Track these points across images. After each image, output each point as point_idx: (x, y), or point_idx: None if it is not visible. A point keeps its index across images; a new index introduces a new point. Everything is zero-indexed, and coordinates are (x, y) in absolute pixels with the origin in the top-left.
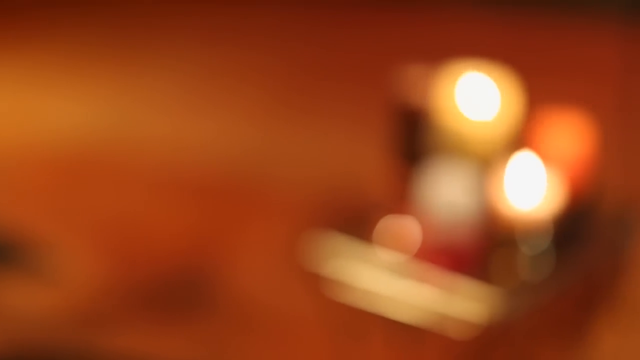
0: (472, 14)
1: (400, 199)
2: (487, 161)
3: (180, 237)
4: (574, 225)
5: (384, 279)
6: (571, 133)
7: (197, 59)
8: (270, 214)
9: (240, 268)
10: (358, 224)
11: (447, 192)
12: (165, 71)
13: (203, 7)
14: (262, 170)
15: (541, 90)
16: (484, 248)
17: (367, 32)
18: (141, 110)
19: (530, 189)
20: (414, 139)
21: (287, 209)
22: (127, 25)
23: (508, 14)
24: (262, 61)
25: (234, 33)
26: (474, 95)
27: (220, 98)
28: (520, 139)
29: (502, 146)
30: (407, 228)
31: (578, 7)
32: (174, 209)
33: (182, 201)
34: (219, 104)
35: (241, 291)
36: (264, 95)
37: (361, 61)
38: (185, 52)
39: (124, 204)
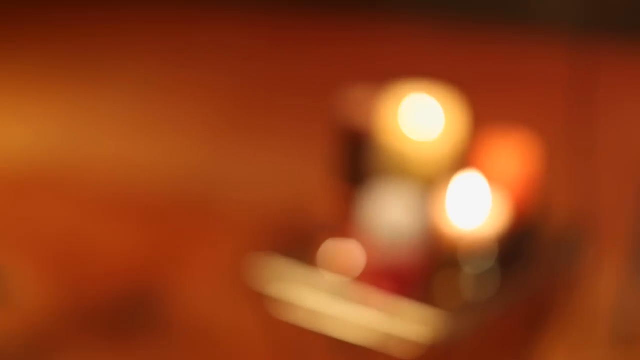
0: (419, 33)
1: (344, 220)
2: (430, 182)
3: (128, 257)
4: (518, 245)
5: (328, 301)
6: (516, 152)
7: (143, 79)
8: (217, 234)
9: (186, 288)
10: (302, 245)
11: (390, 213)
12: (113, 91)
13: (149, 27)
14: (209, 190)
15: (487, 109)
16: (427, 269)
17: (314, 53)
18: (89, 130)
19: (474, 209)
20: (358, 160)
21: (233, 229)
22: (74, 46)
23: (455, 33)
24: (209, 80)
25: (180, 53)
26: (418, 116)
27: (167, 117)
28: (464, 159)
29: (446, 166)
30: (350, 250)
31: (525, 27)
32: (122, 230)
33: (130, 222)
34: (166, 123)
35: (188, 311)
36: (211, 114)
37: (308, 81)
38: (132, 72)
39: (72, 224)
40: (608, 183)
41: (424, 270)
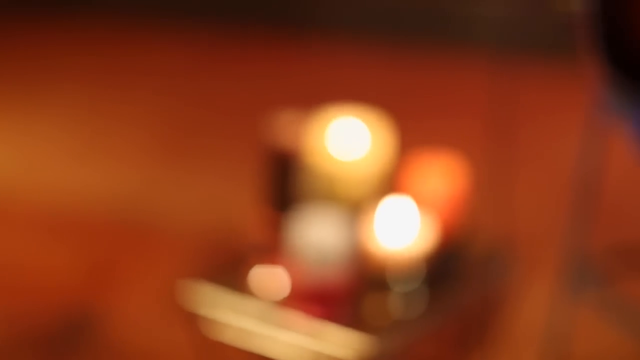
0: (348, 52)
1: (273, 244)
2: (358, 204)
3: (64, 281)
4: (446, 265)
5: (257, 325)
6: (443, 173)
7: (79, 102)
8: (152, 257)
9: (122, 311)
10: (232, 270)
11: (318, 236)
12: (49, 115)
13: (85, 50)
14: (144, 213)
15: (413, 131)
16: (355, 290)
17: (246, 77)
18: (26, 154)
19: (401, 230)
20: (286, 183)
21: (168, 252)
22: (9, 69)
23: (383, 54)
24: (144, 103)
25: (115, 75)
26: (346, 138)
27: (102, 140)
28: (391, 181)
29: (374, 188)
30: (278, 274)
31: (450, 49)
32: (58, 253)
33: (66, 245)
34: (101, 145)
35: (124, 334)
36: (146, 137)
37: (241, 102)
38: (67, 95)
39: (7, 247)
40: (532, 201)
41: (352, 292)
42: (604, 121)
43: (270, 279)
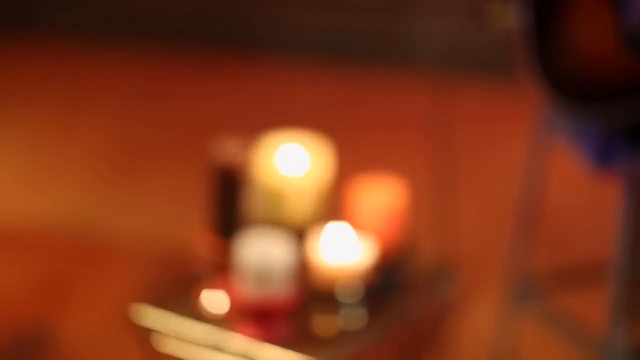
0: (292, 76)
1: (220, 266)
2: (301, 224)
3: (14, 301)
4: (388, 280)
5: (205, 347)
6: (383, 192)
7: (27, 125)
8: (101, 278)
9: (72, 332)
10: (180, 292)
11: (261, 257)
12: None
13: (33, 72)
14: (93, 235)
15: (356, 152)
16: (299, 309)
17: (196, 98)
18: None
19: (343, 247)
20: (232, 206)
21: (117, 274)
22: None
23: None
24: (92, 127)
25: (63, 97)
26: (289, 162)
27: (51, 164)
28: (334, 201)
29: (316, 209)
30: (225, 296)
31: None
32: (7, 274)
33: (16, 266)
34: (49, 170)
35: (73, 354)
36: (95, 160)
37: (190, 126)
38: (15, 118)
39: None
40: (476, 217)
41: (295, 311)
42: (546, 137)
43: (217, 301)
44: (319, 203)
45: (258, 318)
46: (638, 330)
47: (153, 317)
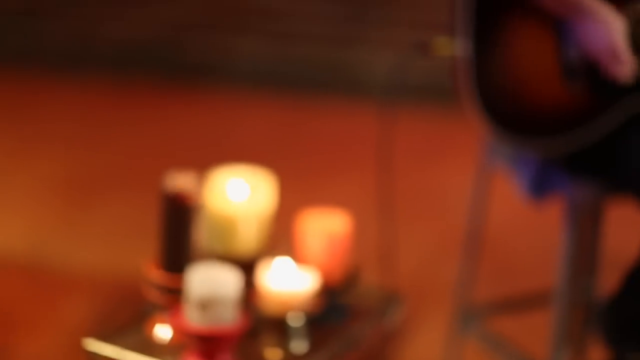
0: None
1: (171, 300)
2: (248, 254)
3: None
4: (334, 305)
5: None
6: (328, 221)
7: None
8: (52, 307)
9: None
10: (131, 326)
11: (208, 286)
12: None
13: None
14: (44, 265)
15: (300, 181)
16: (247, 336)
17: (146, 126)
18: None
19: (289, 276)
20: (181, 240)
21: (69, 303)
22: None
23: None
24: (43, 157)
25: (12, 125)
26: (238, 196)
27: (2, 194)
28: (280, 230)
29: (263, 239)
30: (176, 330)
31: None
32: None
33: None
34: (0, 200)
35: None
36: (46, 191)
37: (142, 155)
38: None
39: None
40: (422, 247)
41: (243, 340)
42: (490, 164)
43: (167, 333)
44: (264, 233)
45: (205, 347)
46: (580, 356)
47: (104, 349)
